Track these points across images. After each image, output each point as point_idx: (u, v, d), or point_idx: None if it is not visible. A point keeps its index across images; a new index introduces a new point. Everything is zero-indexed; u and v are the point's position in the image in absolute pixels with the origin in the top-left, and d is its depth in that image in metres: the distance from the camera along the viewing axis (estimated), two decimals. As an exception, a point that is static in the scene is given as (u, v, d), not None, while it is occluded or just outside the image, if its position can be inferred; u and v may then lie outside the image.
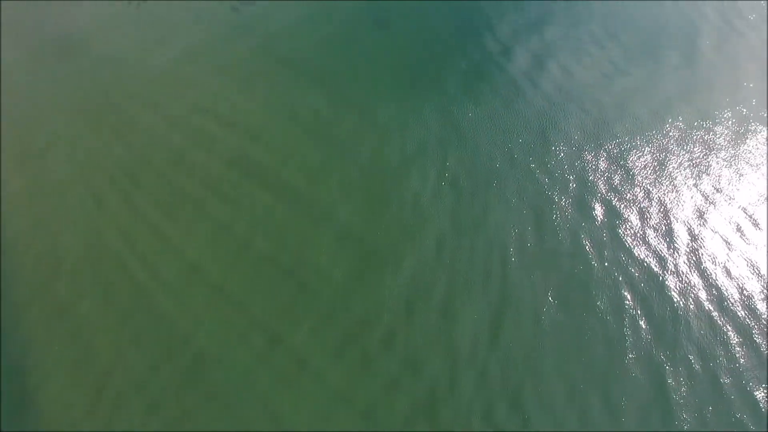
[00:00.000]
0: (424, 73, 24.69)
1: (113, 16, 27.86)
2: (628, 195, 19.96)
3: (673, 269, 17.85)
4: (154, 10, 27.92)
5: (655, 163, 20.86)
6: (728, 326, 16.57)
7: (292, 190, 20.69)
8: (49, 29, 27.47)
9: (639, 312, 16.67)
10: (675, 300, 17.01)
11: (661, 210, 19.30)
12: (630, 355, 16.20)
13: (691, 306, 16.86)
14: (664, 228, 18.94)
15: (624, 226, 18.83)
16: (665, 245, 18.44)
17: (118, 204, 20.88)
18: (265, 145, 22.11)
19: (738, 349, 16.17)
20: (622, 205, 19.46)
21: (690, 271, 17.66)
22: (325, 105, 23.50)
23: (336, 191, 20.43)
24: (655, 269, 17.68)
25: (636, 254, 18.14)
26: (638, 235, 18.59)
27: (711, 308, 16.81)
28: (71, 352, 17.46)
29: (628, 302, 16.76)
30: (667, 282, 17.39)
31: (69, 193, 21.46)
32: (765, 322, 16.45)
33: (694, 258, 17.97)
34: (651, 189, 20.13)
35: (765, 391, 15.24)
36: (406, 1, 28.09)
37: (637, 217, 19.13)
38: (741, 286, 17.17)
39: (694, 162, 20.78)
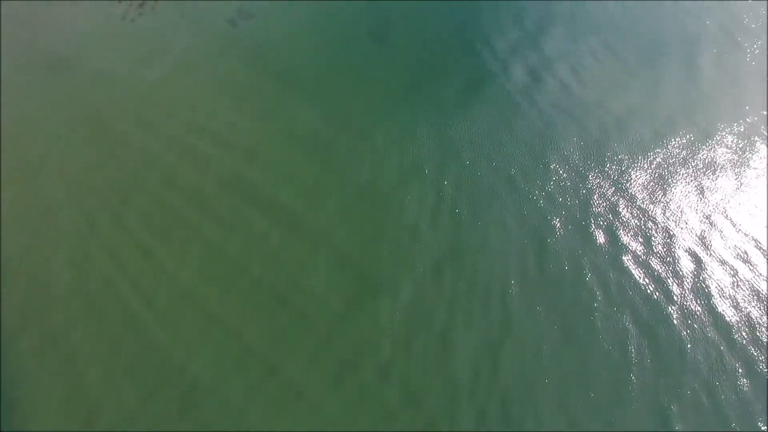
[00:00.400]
0: (421, 91, 24.33)
1: (108, 32, 27.41)
2: (631, 220, 19.60)
3: (678, 298, 17.49)
4: (149, 25, 27.50)
5: (658, 186, 20.52)
6: (733, 356, 16.23)
7: (287, 213, 20.31)
8: (42, 45, 27.03)
9: (643, 343, 16.32)
10: (680, 330, 16.65)
11: (665, 235, 18.95)
12: (634, 387, 15.85)
13: (697, 336, 16.52)
14: (667, 255, 18.59)
15: (627, 253, 18.47)
16: (670, 273, 18.07)
17: (111, 227, 20.47)
18: (261, 166, 21.72)
19: (744, 380, 15.84)
20: (626, 231, 19.10)
21: (695, 299, 17.29)
22: (323, 124, 23.12)
23: (333, 215, 20.05)
24: (660, 298, 17.33)
25: (640, 283, 17.77)
26: (642, 262, 18.23)
27: (717, 338, 16.47)
28: (62, 383, 17.04)
29: (632, 333, 16.41)
30: (671, 311, 17.03)
31: (61, 214, 21.05)
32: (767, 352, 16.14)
33: (698, 286, 17.60)
34: (654, 213, 19.78)
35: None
36: (406, 16, 27.75)
37: (641, 243, 18.77)
38: (746, 315, 16.84)
39: (697, 184, 20.45)
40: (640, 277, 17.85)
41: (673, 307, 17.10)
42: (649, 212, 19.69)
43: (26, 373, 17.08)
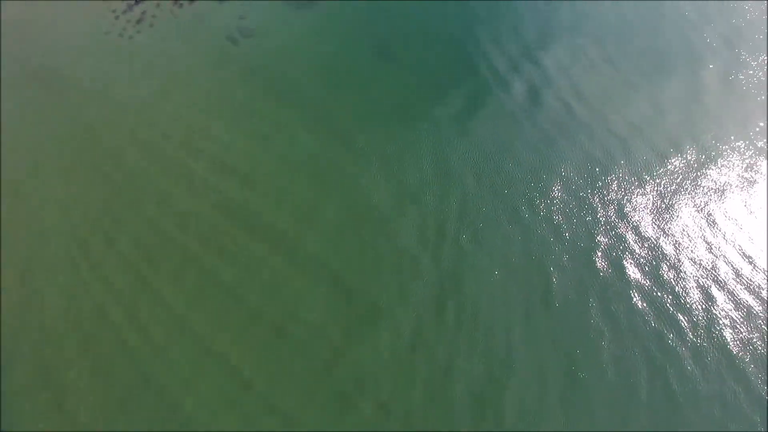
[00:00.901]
0: (423, 110, 23.86)
1: (105, 49, 26.85)
2: (638, 250, 18.92)
3: (690, 338, 16.92)
4: (147, 42, 27.03)
5: (665, 213, 20.00)
6: (746, 402, 15.71)
7: (284, 240, 19.80)
8: (37, 62, 26.50)
9: (654, 385, 15.80)
10: (692, 372, 16.11)
11: (674, 265, 18.46)
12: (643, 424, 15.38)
13: (711, 380, 15.97)
14: (676, 286, 18.07)
15: (635, 285, 18.02)
16: (679, 306, 17.54)
17: (105, 254, 20.00)
18: (258, 191, 21.24)
19: (756, 419, 15.37)
20: (635, 264, 18.54)
21: (707, 340, 16.75)
22: (322, 147, 22.63)
23: (332, 242, 19.55)
24: (670, 338, 16.83)
25: (648, 317, 17.30)
26: (650, 295, 17.77)
27: (730, 376, 16.00)
28: (55, 424, 16.55)
29: (642, 375, 15.88)
30: (683, 353, 16.49)
31: (53, 241, 20.57)
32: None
33: (709, 319, 17.13)
34: (661, 242, 19.23)
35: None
36: (408, 33, 27.30)
37: (648, 274, 18.28)
38: (759, 355, 16.37)
39: (705, 210, 19.98)
40: (647, 312, 17.39)
41: (685, 349, 16.61)
42: (656, 241, 19.21)
43: (18, 412, 16.61)
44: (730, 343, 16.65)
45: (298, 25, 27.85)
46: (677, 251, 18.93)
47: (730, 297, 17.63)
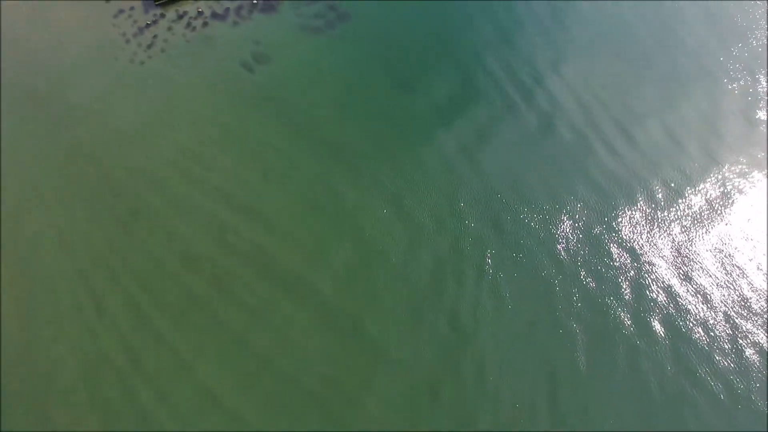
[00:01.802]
0: (446, 144, 22.75)
1: (115, 78, 24.99)
2: (690, 307, 17.84)
3: (742, 396, 16.05)
4: (159, 69, 25.54)
5: (717, 263, 18.98)
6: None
7: (313, 294, 18.52)
8: (44, 91, 24.62)
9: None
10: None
11: (729, 326, 17.46)
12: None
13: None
14: (733, 348, 17.03)
15: (688, 344, 17.02)
16: (735, 370, 16.58)
17: (119, 308, 18.67)
18: (283, 238, 20.01)
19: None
20: (684, 320, 17.59)
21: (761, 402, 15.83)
22: (346, 185, 21.36)
23: (364, 299, 18.28)
24: (724, 399, 15.88)
25: (705, 382, 16.30)
26: (705, 355, 16.77)
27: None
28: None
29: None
30: (735, 414, 15.57)
31: (64, 290, 19.21)
32: None
33: (749, 389, 16.17)
34: (715, 299, 18.02)
35: None
36: (429, 64, 26.18)
37: (703, 334, 17.26)
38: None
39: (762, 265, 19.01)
40: (704, 375, 16.40)
41: (737, 410, 15.67)
42: (710, 297, 18.17)
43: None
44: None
45: (314, 52, 26.55)
46: (732, 307, 17.96)
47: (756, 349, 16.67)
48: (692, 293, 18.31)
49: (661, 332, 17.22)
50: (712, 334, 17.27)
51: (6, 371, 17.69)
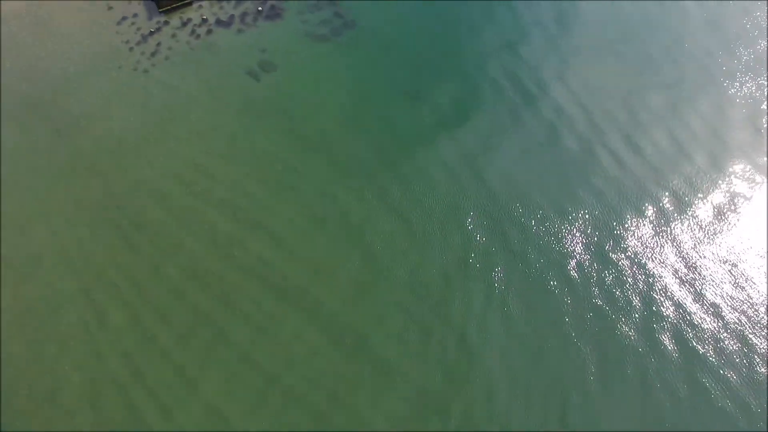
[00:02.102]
0: (459, 159, 22.51)
1: (119, 86, 24.55)
2: (702, 323, 17.65)
3: (756, 415, 15.83)
4: (163, 77, 25.16)
5: (728, 279, 18.75)
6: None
7: (322, 310, 18.25)
8: (47, 101, 24.08)
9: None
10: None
11: (740, 341, 17.26)
12: None
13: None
14: (745, 365, 16.82)
15: (700, 362, 16.80)
16: (747, 386, 16.38)
17: (124, 325, 18.31)
18: (290, 253, 19.71)
19: None
20: (696, 336, 17.40)
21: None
22: (355, 200, 21.11)
23: (373, 315, 17.98)
24: (740, 419, 15.66)
25: (717, 399, 16.09)
26: (716, 374, 16.56)
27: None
28: None
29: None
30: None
31: (67, 307, 18.80)
32: None
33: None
34: (726, 313, 17.82)
35: None
36: (442, 72, 25.91)
37: (713, 349, 17.05)
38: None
39: None
40: (716, 392, 16.19)
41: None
42: (722, 312, 17.97)
43: None
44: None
45: (320, 60, 26.26)
46: (743, 322, 17.74)
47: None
48: (705, 309, 18.09)
49: (673, 350, 17.00)
50: (724, 349, 17.06)
51: (9, 390, 17.39)
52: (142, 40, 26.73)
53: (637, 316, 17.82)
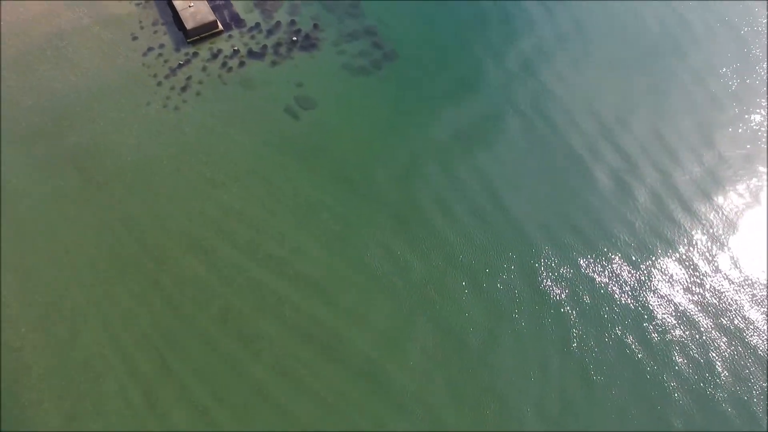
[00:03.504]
0: (513, 208, 21.41)
1: (148, 125, 22.73)
2: None
3: None
4: (194, 115, 23.54)
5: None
6: None
7: (389, 385, 16.90)
8: (70, 140, 22.13)
9: None
10: None
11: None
12: None
13: None
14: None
15: None
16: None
17: (171, 399, 16.79)
18: (337, 308, 18.33)
19: None
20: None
21: None
22: (409, 251, 19.78)
23: (444, 390, 16.68)
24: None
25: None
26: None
27: None
28: None
29: None
30: None
31: (109, 379, 17.16)
32: None
33: None
34: None
35: None
36: (497, 117, 24.68)
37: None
38: None
39: None
40: None
41: None
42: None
43: None
44: None
45: (361, 96, 24.89)
46: None
47: None
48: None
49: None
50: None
51: None
52: (171, 73, 25.22)
53: (722, 380, 16.73)
